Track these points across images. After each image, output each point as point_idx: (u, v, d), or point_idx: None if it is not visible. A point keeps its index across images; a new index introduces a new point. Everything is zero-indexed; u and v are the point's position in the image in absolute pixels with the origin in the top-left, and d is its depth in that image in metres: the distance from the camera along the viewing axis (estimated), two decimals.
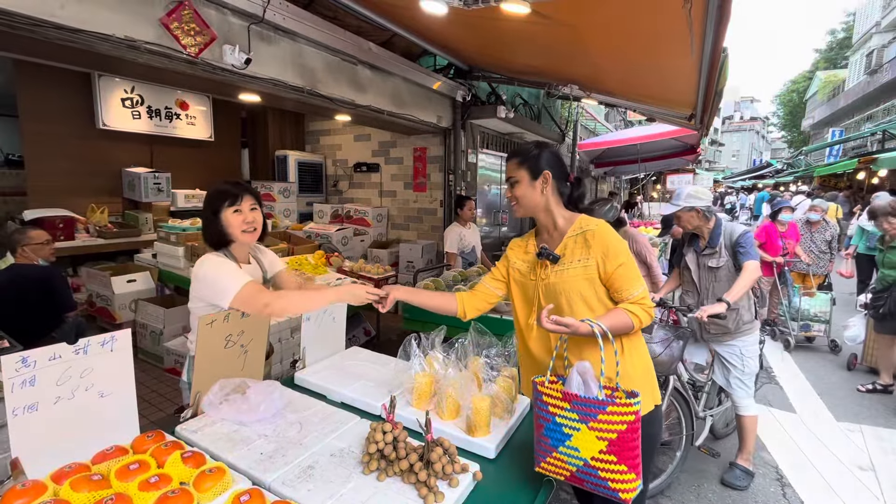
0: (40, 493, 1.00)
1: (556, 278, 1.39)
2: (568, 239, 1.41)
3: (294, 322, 2.92)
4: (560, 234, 1.45)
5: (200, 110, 5.36)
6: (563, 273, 1.38)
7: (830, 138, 18.17)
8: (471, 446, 1.36)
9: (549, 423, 1.19)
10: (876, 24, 20.04)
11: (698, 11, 1.90)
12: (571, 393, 1.16)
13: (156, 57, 2.43)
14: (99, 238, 4.37)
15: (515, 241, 1.61)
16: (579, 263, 1.36)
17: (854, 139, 15.76)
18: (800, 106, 33.25)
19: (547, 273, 1.41)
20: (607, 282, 1.36)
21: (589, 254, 1.36)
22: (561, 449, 1.18)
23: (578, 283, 1.36)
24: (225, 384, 1.46)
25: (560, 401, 1.18)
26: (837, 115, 22.03)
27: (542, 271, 1.43)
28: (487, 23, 3.08)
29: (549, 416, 1.19)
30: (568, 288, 1.37)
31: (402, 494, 1.12)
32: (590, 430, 1.13)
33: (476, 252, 4.21)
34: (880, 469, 2.68)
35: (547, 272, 1.41)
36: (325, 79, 3.43)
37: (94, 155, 4.72)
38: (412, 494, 1.12)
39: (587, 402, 1.14)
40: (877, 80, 16.90)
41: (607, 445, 1.12)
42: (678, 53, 2.67)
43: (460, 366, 1.56)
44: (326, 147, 6.53)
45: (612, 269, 1.33)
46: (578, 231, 1.40)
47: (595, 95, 5.04)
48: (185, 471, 1.11)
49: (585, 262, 1.36)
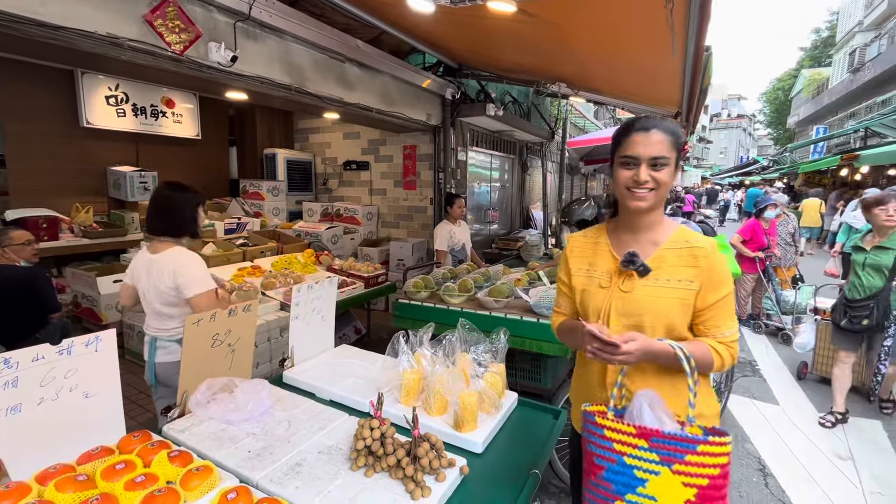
0: (24, 494, 0.99)
1: (643, 294, 1.16)
2: (666, 251, 1.18)
3: (283, 321, 2.91)
4: (653, 240, 1.21)
5: (187, 108, 5.30)
6: (655, 290, 1.15)
7: (815, 135, 18.46)
8: (458, 441, 1.37)
9: (613, 465, 0.98)
10: (858, 22, 20.40)
11: (680, 12, 1.93)
12: (651, 428, 0.95)
13: (140, 54, 2.41)
14: (84, 238, 4.31)
15: (577, 240, 1.35)
16: (679, 284, 1.14)
17: (838, 136, 16.04)
18: (785, 103, 33.75)
19: (631, 284, 1.17)
20: (701, 313, 1.15)
21: (695, 276, 1.14)
22: (630, 497, 0.96)
23: (671, 306, 1.14)
24: (212, 383, 1.46)
25: (632, 437, 0.96)
26: (822, 113, 22.39)
27: (620, 280, 1.19)
28: (475, 21, 3.09)
29: (613, 455, 0.98)
30: (656, 309, 1.14)
31: (389, 490, 1.13)
32: (674, 475, 0.92)
33: (466, 250, 4.23)
34: (859, 459, 2.75)
35: (631, 283, 1.17)
36: (312, 76, 3.41)
37: (78, 154, 4.65)
38: (399, 489, 1.13)
39: (673, 439, 0.93)
40: (859, 78, 17.22)
41: (696, 494, 0.92)
42: (662, 52, 2.71)
43: (448, 362, 1.57)
44: (315, 145, 6.50)
45: (714, 300, 1.13)
46: (684, 245, 1.17)
47: (583, 93, 5.07)
48: (171, 470, 1.11)
49: (689, 284, 1.13)
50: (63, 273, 4.26)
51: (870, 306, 2.89)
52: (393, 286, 3.97)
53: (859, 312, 2.94)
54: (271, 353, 2.85)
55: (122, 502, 1.00)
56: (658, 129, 1.14)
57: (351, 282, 3.60)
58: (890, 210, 2.86)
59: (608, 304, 1.19)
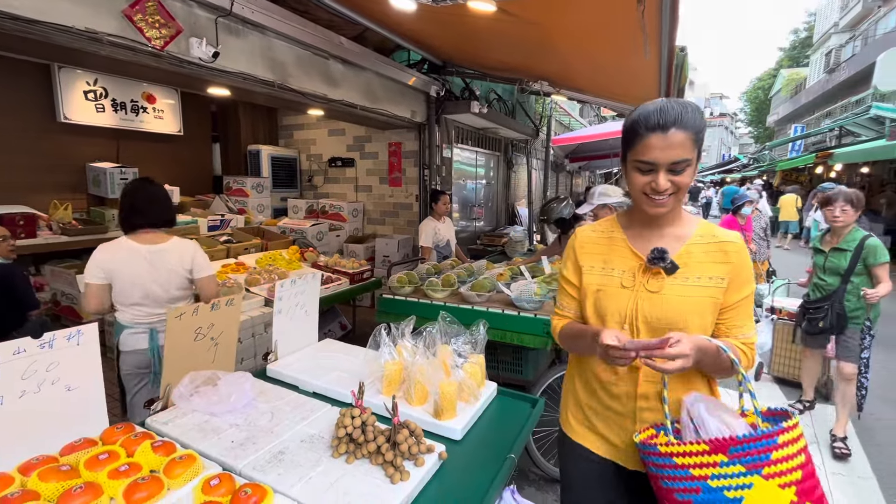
0: (7, 484, 1.01)
1: (673, 294, 1.06)
2: (693, 246, 1.09)
3: (267, 317, 2.92)
4: (677, 234, 1.11)
5: (168, 104, 5.23)
6: (685, 289, 1.06)
7: (793, 134, 18.96)
8: (438, 429, 1.42)
9: (698, 495, 0.85)
10: (834, 24, 20.96)
11: (652, 15, 1.99)
12: (725, 438, 0.84)
13: (119, 49, 2.39)
14: (63, 235, 4.23)
15: (586, 234, 1.23)
16: (711, 282, 1.05)
17: (814, 135, 16.50)
18: (765, 103, 34.55)
19: (658, 283, 1.07)
20: (724, 311, 1.07)
21: (726, 273, 1.05)
22: None
23: (704, 306, 1.05)
24: (195, 377, 1.48)
25: (708, 455, 0.84)
26: (799, 112, 22.98)
27: (646, 279, 1.09)
28: (458, 19, 3.13)
29: (695, 484, 0.85)
30: (689, 310, 1.04)
31: (369, 475, 1.17)
32: (768, 481, 0.81)
33: (451, 246, 4.27)
34: (823, 442, 2.88)
35: (658, 282, 1.07)
36: (296, 73, 3.41)
37: (55, 149, 4.56)
38: (379, 474, 1.17)
39: (751, 441, 0.82)
40: (835, 78, 17.73)
41: (797, 492, 0.81)
42: (638, 53, 2.78)
43: (429, 354, 1.61)
44: (300, 142, 6.47)
45: (740, 298, 1.07)
46: (711, 239, 1.10)
47: (565, 91, 5.15)
48: (155, 459, 1.13)
49: (720, 282, 1.05)
50: (42, 271, 4.18)
51: (825, 308, 2.82)
52: (378, 282, 4.00)
53: (816, 315, 2.88)
54: (255, 349, 2.85)
55: (107, 491, 1.02)
56: (678, 126, 0.99)
57: (336, 278, 3.61)
58: (836, 210, 2.74)
59: (633, 305, 1.08)
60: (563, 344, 1.28)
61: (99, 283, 1.99)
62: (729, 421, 0.88)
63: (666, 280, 1.06)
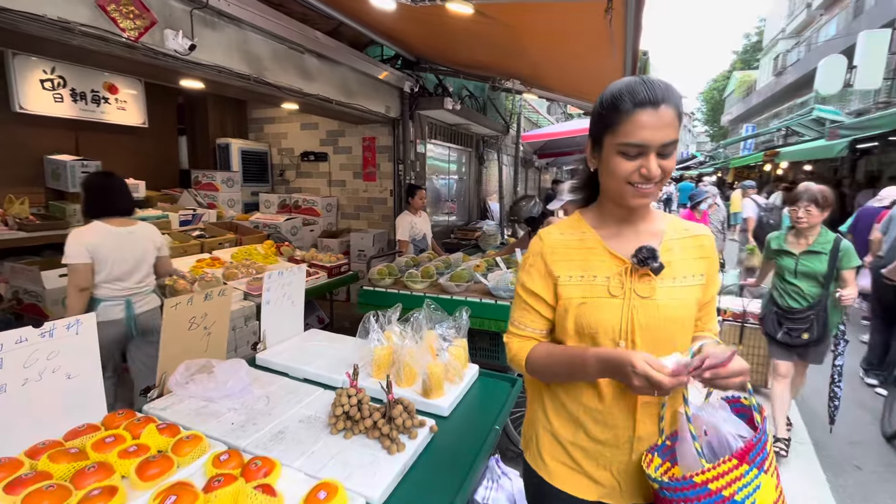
0: (17, 467, 1.04)
1: (666, 296, 0.94)
2: (671, 242, 0.99)
3: (247, 310, 2.94)
4: (652, 230, 1.00)
5: (131, 94, 5.04)
6: (674, 290, 0.95)
7: (744, 133, 20.08)
8: (427, 407, 1.53)
9: None
10: (782, 30, 22.27)
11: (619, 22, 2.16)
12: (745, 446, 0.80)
13: (91, 40, 2.34)
14: (20, 231, 4.03)
15: (554, 237, 1.03)
16: (694, 280, 0.97)
17: (764, 134, 17.54)
18: (720, 103, 36.31)
19: (649, 288, 0.93)
20: (701, 308, 1.00)
21: (705, 269, 0.99)
22: None
23: (693, 309, 0.97)
24: (190, 365, 1.52)
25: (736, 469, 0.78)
26: (751, 112, 24.34)
27: (635, 284, 0.94)
28: (434, 18, 3.21)
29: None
30: (683, 314, 0.95)
31: (367, 447, 1.27)
32: (768, 475, 0.80)
33: (427, 239, 4.37)
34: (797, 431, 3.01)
35: (648, 286, 0.94)
36: (271, 67, 3.40)
37: (9, 141, 4.33)
38: (377, 447, 1.27)
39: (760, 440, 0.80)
40: (782, 81, 18.89)
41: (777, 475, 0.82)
42: (605, 55, 2.96)
43: (416, 338, 1.72)
44: (271, 135, 6.37)
45: (714, 293, 1.02)
46: (684, 234, 1.00)
47: (535, 90, 5.32)
48: (162, 440, 1.18)
49: (701, 279, 0.98)
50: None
51: (810, 318, 2.54)
52: (355, 275, 4.05)
53: (799, 325, 2.58)
54: (236, 342, 2.87)
55: (118, 469, 1.07)
56: (667, 103, 0.84)
57: (314, 272, 3.64)
58: (800, 211, 2.54)
59: (628, 316, 0.93)
60: (538, 373, 1.03)
61: (85, 262, 2.20)
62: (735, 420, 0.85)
63: (655, 283, 0.93)
